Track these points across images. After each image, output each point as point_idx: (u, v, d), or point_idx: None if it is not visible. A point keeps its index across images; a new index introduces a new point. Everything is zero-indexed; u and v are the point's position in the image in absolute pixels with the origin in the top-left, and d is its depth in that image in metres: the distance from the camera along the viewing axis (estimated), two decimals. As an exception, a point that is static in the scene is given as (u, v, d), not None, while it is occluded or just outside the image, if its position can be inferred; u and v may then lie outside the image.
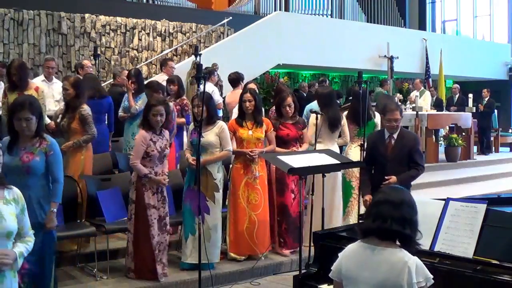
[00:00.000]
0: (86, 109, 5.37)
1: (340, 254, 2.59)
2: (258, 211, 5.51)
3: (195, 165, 4.88)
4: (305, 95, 11.36)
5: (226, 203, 5.85)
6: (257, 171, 5.51)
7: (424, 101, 11.95)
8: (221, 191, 5.27)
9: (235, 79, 7.90)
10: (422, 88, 12.57)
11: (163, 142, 4.89)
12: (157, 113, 4.77)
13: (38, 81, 7.00)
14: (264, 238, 5.58)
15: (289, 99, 5.82)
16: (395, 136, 4.95)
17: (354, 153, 6.15)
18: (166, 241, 4.95)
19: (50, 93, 7.10)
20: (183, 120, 6.58)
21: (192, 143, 5.20)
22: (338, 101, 10.30)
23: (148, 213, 4.82)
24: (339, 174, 6.09)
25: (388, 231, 2.44)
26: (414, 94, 12.40)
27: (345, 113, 6.45)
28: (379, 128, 6.26)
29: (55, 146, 3.82)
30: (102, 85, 9.06)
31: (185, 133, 6.64)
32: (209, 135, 5.14)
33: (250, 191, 5.50)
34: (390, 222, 2.43)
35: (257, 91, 6.44)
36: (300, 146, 5.88)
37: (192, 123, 5.41)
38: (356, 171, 6.11)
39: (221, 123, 5.27)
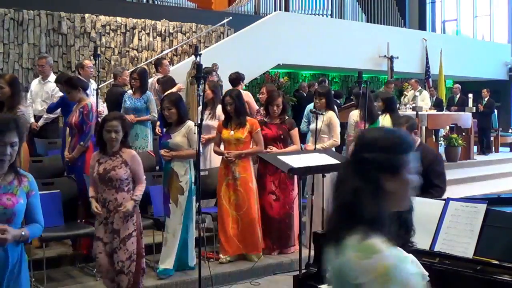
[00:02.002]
0: (22, 110, 5.07)
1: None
2: (242, 212, 5.45)
3: (168, 156, 4.98)
4: (305, 95, 11.38)
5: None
6: (237, 173, 5.45)
7: (423, 101, 11.93)
8: (186, 194, 5.01)
9: (235, 79, 7.94)
10: (420, 87, 12.53)
11: (112, 164, 4.19)
12: (112, 129, 4.15)
13: (35, 82, 7.30)
14: (253, 239, 5.52)
15: (279, 100, 5.80)
16: None
17: None
18: (122, 282, 4.15)
19: (40, 93, 7.20)
20: None
21: (163, 145, 5.12)
22: (338, 101, 10.31)
23: (93, 245, 4.43)
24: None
25: None
26: (411, 94, 12.35)
27: (356, 112, 6.43)
28: None
29: (35, 183, 2.89)
30: (102, 85, 9.07)
31: None
32: (177, 136, 5.01)
33: (231, 192, 5.47)
34: None
35: (216, 88, 6.42)
36: (283, 146, 5.80)
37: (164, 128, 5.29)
38: None
39: (189, 123, 5.05)
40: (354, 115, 6.44)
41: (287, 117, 5.92)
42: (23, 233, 2.72)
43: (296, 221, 5.72)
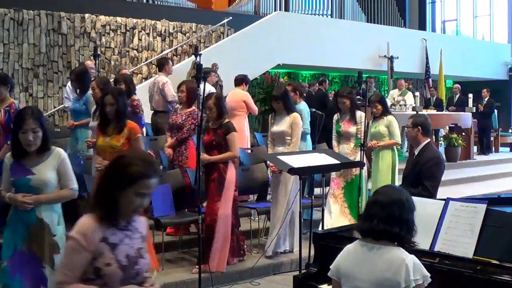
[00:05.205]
0: None
1: (339, 254, 2.63)
2: None
3: (29, 203, 3.37)
4: (304, 95, 11.37)
5: None
6: None
7: (409, 100, 11.80)
8: (62, 251, 3.34)
9: (239, 80, 7.97)
10: (404, 88, 12.40)
11: None
12: None
13: None
14: None
15: (210, 102, 5.16)
16: (416, 151, 4.71)
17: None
18: None
19: None
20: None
21: (17, 184, 3.44)
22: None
23: None
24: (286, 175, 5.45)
25: (376, 230, 2.50)
26: (396, 93, 12.13)
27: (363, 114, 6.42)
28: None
29: None
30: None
31: None
32: (44, 170, 3.42)
33: None
34: (377, 222, 2.49)
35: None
36: (218, 153, 5.19)
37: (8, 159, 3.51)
38: None
39: (58, 151, 3.51)
40: (363, 116, 6.38)
41: (226, 121, 5.29)
42: None
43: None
